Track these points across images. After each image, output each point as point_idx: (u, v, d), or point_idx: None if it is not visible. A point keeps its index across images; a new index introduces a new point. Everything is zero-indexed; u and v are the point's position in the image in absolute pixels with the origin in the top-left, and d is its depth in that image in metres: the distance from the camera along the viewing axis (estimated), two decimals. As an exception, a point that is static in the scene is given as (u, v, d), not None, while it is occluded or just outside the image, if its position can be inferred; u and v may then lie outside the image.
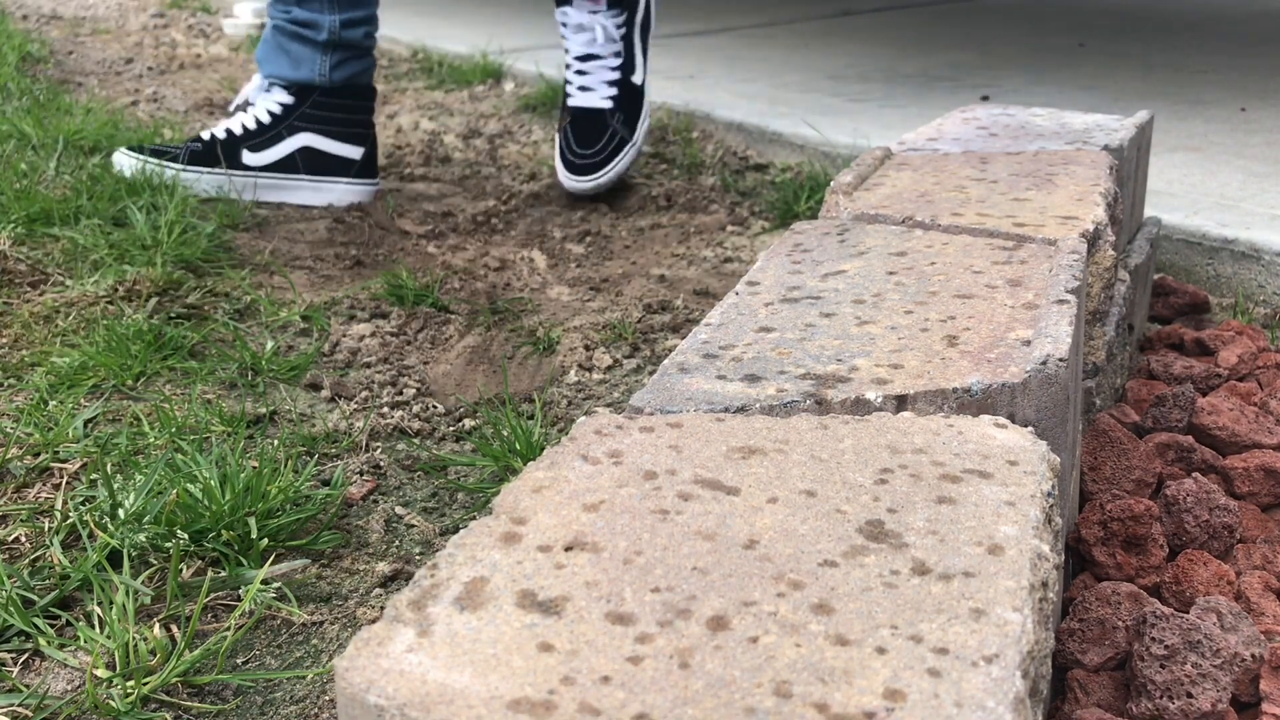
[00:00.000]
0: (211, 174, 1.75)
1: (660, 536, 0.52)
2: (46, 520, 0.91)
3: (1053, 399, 0.66)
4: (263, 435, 1.07)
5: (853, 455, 0.59)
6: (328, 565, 0.89)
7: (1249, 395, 1.00)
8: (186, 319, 1.31)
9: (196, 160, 1.75)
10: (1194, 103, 2.04)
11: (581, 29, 1.76)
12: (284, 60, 1.78)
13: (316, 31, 1.75)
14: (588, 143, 1.77)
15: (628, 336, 1.30)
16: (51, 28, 3.78)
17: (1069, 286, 0.77)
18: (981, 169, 1.09)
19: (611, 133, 1.76)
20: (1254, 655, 0.66)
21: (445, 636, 0.45)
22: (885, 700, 0.41)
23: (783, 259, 0.89)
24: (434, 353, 1.28)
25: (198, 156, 1.75)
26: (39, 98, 2.39)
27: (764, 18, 3.43)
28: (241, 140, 1.76)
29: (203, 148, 1.76)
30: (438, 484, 1.01)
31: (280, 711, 0.73)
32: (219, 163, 1.76)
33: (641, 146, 1.80)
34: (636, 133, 1.80)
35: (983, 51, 2.69)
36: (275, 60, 1.78)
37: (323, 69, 1.77)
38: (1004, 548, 0.51)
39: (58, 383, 1.13)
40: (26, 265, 1.42)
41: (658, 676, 0.43)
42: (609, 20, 1.75)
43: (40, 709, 0.72)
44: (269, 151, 1.77)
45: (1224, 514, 0.79)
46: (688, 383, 0.68)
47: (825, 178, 1.81)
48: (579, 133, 1.78)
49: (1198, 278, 1.37)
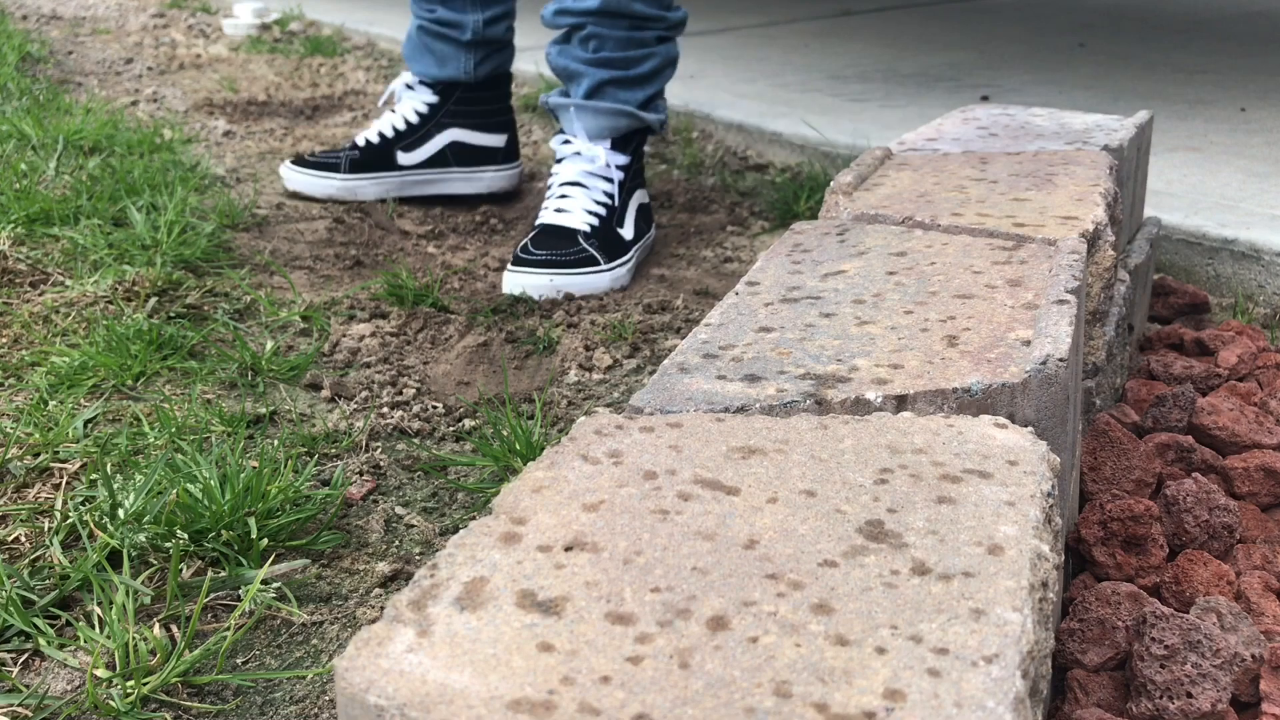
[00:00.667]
0: (376, 180, 1.80)
1: (660, 536, 0.52)
2: (46, 520, 0.91)
3: (1053, 399, 0.66)
4: (263, 435, 1.07)
5: (853, 455, 0.59)
6: (328, 565, 0.89)
7: (1249, 395, 1.00)
8: (186, 319, 1.31)
9: (358, 168, 1.79)
10: (1194, 103, 2.04)
11: (579, 156, 1.53)
12: (429, 59, 1.79)
13: (461, 31, 1.76)
14: (547, 247, 1.46)
15: (628, 336, 1.30)
16: (51, 28, 3.78)
17: (1069, 286, 0.77)
18: (981, 169, 1.09)
19: (581, 249, 1.46)
20: (1254, 655, 0.66)
21: (445, 636, 0.45)
22: (885, 700, 0.41)
23: (783, 259, 0.89)
24: (434, 353, 1.28)
25: (358, 164, 1.79)
26: (39, 98, 2.39)
27: (764, 18, 3.43)
28: (394, 142, 1.80)
29: (360, 155, 1.79)
30: (438, 484, 1.01)
31: (280, 711, 0.73)
32: (378, 167, 1.80)
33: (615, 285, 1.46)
34: (612, 263, 1.47)
35: (983, 51, 2.69)
36: (421, 58, 1.80)
37: (467, 67, 1.79)
38: (1004, 548, 0.51)
39: (58, 383, 1.13)
40: (26, 265, 1.42)
41: (658, 676, 0.43)
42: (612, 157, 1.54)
43: (40, 709, 0.72)
44: (421, 150, 1.80)
45: (1224, 514, 0.79)
46: (688, 383, 0.68)
47: (825, 178, 1.81)
48: (538, 240, 1.47)
49: (1198, 278, 1.37)
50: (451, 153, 1.82)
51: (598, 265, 1.45)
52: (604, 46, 1.52)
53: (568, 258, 1.44)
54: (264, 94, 2.69)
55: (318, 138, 2.27)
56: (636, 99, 1.54)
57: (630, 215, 1.56)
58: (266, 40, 3.57)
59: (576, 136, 1.55)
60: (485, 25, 1.78)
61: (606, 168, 1.53)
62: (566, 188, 1.53)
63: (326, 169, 1.80)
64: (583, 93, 1.53)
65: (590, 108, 1.53)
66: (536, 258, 1.44)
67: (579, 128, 1.54)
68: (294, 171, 1.82)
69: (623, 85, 1.53)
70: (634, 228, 1.55)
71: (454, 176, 1.83)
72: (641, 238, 1.56)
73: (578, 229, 1.48)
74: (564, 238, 1.47)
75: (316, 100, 2.64)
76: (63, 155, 1.90)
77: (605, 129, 1.54)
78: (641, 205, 1.60)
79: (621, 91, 1.53)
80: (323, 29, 3.77)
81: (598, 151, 1.53)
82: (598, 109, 1.53)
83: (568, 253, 1.45)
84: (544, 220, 1.51)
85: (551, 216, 1.51)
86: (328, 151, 1.84)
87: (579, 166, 1.53)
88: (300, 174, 1.81)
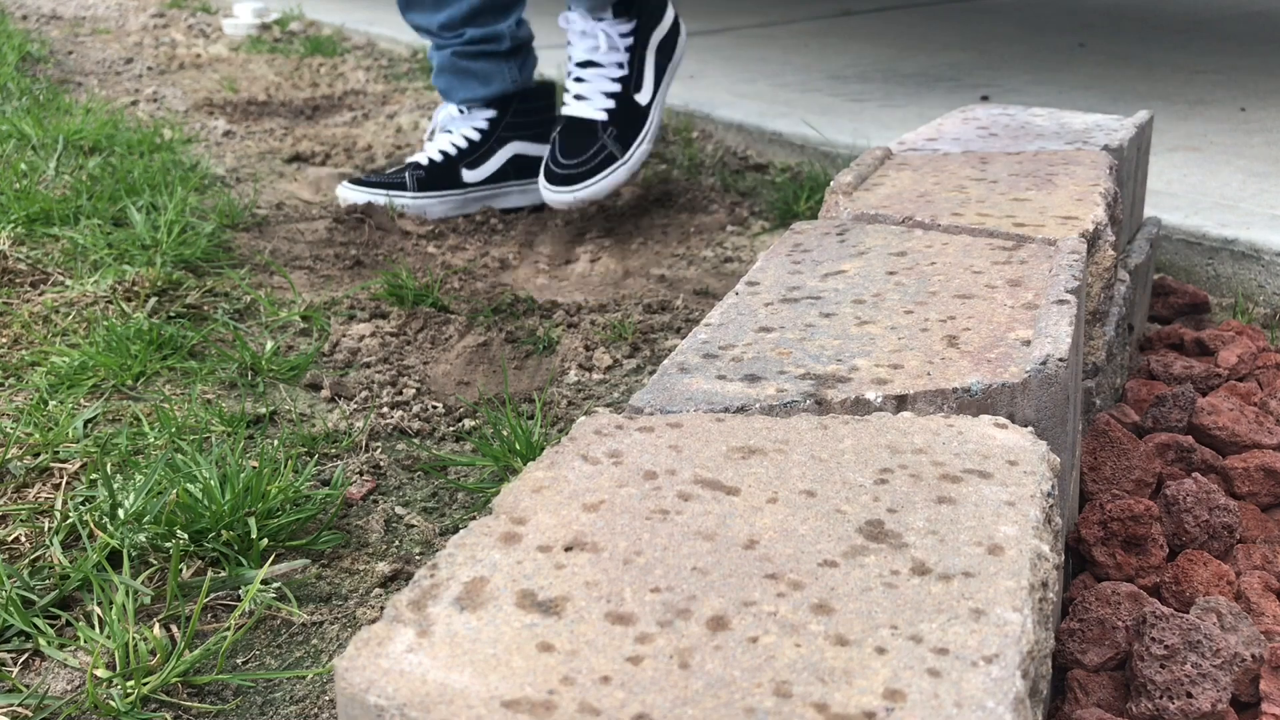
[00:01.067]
0: (442, 198, 1.77)
1: (660, 536, 0.52)
2: (46, 520, 0.91)
3: (1053, 399, 0.66)
4: (263, 435, 1.07)
5: (853, 455, 0.59)
6: (328, 565, 0.89)
7: (1249, 395, 1.00)
8: (186, 319, 1.31)
9: (425, 186, 1.76)
10: (1194, 103, 2.04)
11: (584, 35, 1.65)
12: (472, 82, 1.77)
13: (499, 43, 1.75)
14: (572, 153, 1.64)
15: (628, 336, 1.30)
16: (51, 27, 3.78)
17: (1069, 286, 0.77)
18: (981, 169, 1.09)
19: (600, 146, 1.62)
20: (1254, 655, 0.66)
21: (445, 636, 0.45)
22: (885, 700, 0.41)
23: (783, 259, 0.89)
24: (434, 353, 1.28)
25: (426, 183, 1.76)
26: (39, 97, 2.39)
27: (764, 18, 3.43)
28: (459, 160, 1.77)
29: (427, 174, 1.76)
30: (438, 484, 1.01)
31: (280, 711, 0.73)
32: (444, 185, 1.77)
33: (635, 168, 1.65)
34: (629, 151, 1.65)
35: (983, 51, 2.69)
36: (463, 85, 1.78)
37: (514, 75, 1.78)
38: (1004, 548, 0.51)
39: (58, 383, 1.13)
40: (26, 265, 1.42)
41: (657, 676, 0.43)
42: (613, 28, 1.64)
43: (40, 709, 0.72)
44: (485, 166, 1.78)
45: (1224, 514, 0.79)
46: (688, 383, 0.68)
47: (825, 178, 1.81)
48: (565, 142, 1.66)
49: (1198, 278, 1.37)
50: (513, 166, 1.81)
51: (614, 162, 1.62)
52: None
53: (589, 165, 1.59)
54: (264, 94, 2.69)
55: (318, 137, 2.27)
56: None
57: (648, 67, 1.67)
58: (266, 40, 3.57)
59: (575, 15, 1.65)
60: (517, 27, 1.77)
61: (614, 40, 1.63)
62: (581, 69, 1.65)
63: (393, 188, 1.75)
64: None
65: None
66: (565, 172, 1.59)
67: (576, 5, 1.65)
68: (357, 190, 1.76)
69: None
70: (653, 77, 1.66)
71: (511, 190, 1.82)
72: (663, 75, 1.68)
73: (596, 119, 1.62)
74: (585, 134, 1.61)
75: (316, 100, 2.64)
76: (63, 155, 1.90)
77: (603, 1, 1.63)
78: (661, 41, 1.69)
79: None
80: (323, 29, 3.77)
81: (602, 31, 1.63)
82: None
83: (588, 159, 1.59)
84: (566, 111, 1.65)
85: (572, 106, 1.65)
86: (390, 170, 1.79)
87: (587, 43, 1.64)
88: (366, 193, 1.76)
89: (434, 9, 1.75)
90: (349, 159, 2.12)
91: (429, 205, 1.76)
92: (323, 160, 2.11)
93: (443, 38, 1.76)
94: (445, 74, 1.79)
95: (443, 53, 1.77)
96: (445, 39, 1.76)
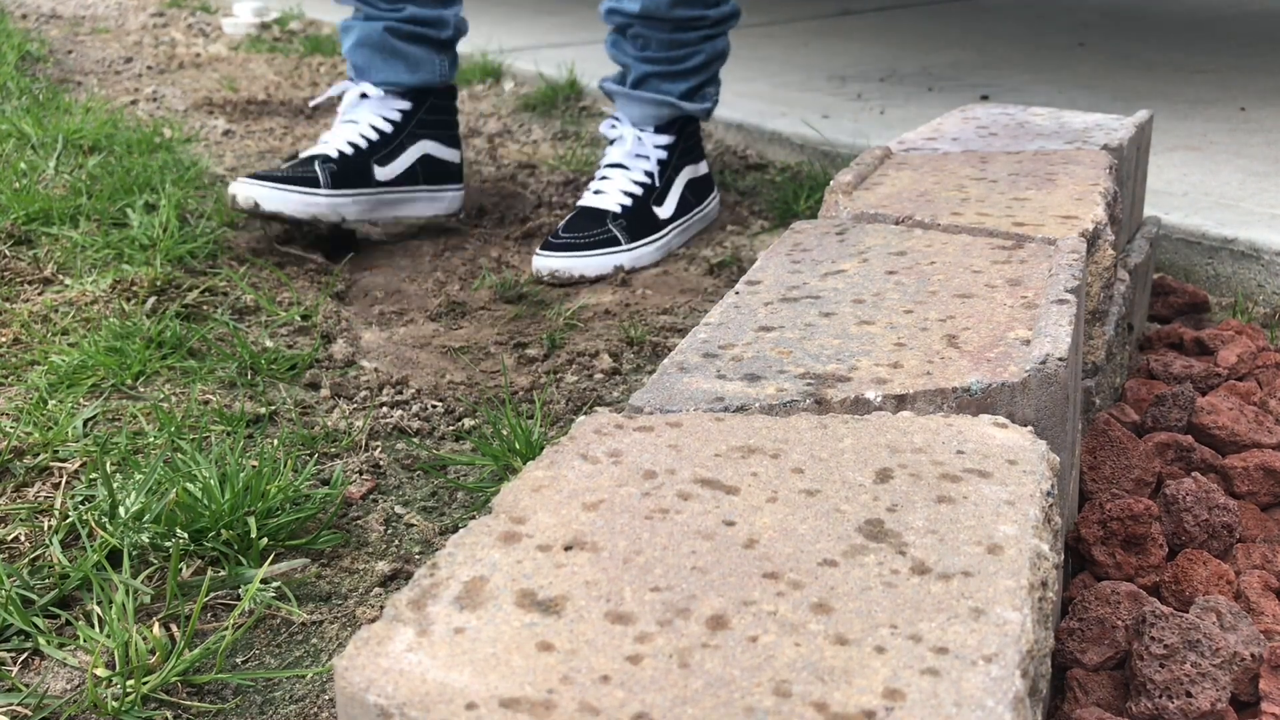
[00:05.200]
0: (354, 197, 1.57)
1: (660, 536, 0.52)
2: (46, 520, 0.91)
3: (1052, 398, 0.66)
4: (262, 435, 1.07)
5: (852, 455, 0.59)
6: (327, 565, 0.89)
7: (1248, 395, 1.00)
8: (185, 318, 1.31)
9: (341, 182, 1.55)
10: (1194, 103, 2.04)
11: (620, 140, 1.61)
12: (398, 64, 1.62)
13: (440, 29, 1.63)
14: (573, 229, 1.52)
15: (628, 336, 1.30)
16: (51, 27, 3.78)
17: (1068, 286, 0.77)
18: (981, 168, 1.09)
19: (605, 230, 1.52)
20: (1253, 655, 0.66)
21: (445, 636, 0.45)
22: (885, 700, 0.41)
23: (782, 258, 0.89)
24: (434, 352, 1.28)
25: (340, 178, 1.55)
26: (38, 97, 2.39)
27: (764, 17, 3.43)
28: (369, 154, 1.59)
29: (339, 168, 1.56)
30: (437, 483, 1.01)
31: (280, 711, 0.73)
32: (357, 183, 1.58)
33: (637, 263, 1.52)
34: (636, 243, 1.53)
35: (983, 51, 2.69)
36: (387, 65, 1.62)
37: (443, 69, 1.66)
38: (1003, 547, 0.51)
39: (57, 382, 1.13)
40: (26, 265, 1.42)
41: (657, 676, 0.43)
42: (650, 137, 1.60)
43: (40, 708, 0.72)
44: (395, 164, 1.62)
45: (1223, 513, 0.79)
46: (687, 382, 0.68)
47: (825, 177, 1.81)
48: (569, 222, 1.54)
49: (1197, 277, 1.37)
50: (421, 168, 1.65)
51: (617, 245, 1.51)
52: (649, 46, 1.58)
53: (590, 239, 1.50)
54: (264, 93, 2.69)
55: (317, 137, 2.27)
56: (678, 90, 1.60)
57: (674, 193, 1.61)
58: (266, 39, 3.57)
59: (621, 121, 1.62)
60: (460, 19, 1.67)
61: (645, 148, 1.59)
62: (608, 169, 1.60)
63: (304, 184, 1.52)
64: (630, 83, 1.61)
65: (636, 97, 1.60)
66: (562, 241, 1.50)
67: (625, 114, 1.62)
68: (261, 187, 1.50)
69: (666, 78, 1.59)
70: (676, 204, 1.61)
71: (420, 196, 1.66)
72: (687, 212, 1.63)
73: (608, 210, 1.54)
74: (593, 219, 1.53)
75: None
76: (62, 154, 1.90)
77: (649, 116, 1.61)
78: (693, 180, 1.65)
79: (665, 84, 1.60)
80: (322, 28, 3.77)
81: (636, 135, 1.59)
82: (642, 99, 1.60)
83: (591, 234, 1.51)
84: (581, 203, 1.58)
85: (588, 198, 1.58)
86: (291, 164, 1.57)
87: (622, 149, 1.61)
88: (273, 190, 1.50)
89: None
90: (349, 158, 2.12)
91: (343, 204, 1.56)
92: (322, 160, 2.10)
93: (378, 7, 1.60)
94: (366, 49, 1.61)
95: (371, 24, 1.61)
96: (381, 10, 1.60)
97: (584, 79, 2.54)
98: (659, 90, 1.60)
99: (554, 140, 2.26)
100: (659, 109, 1.60)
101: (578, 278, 1.48)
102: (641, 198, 1.57)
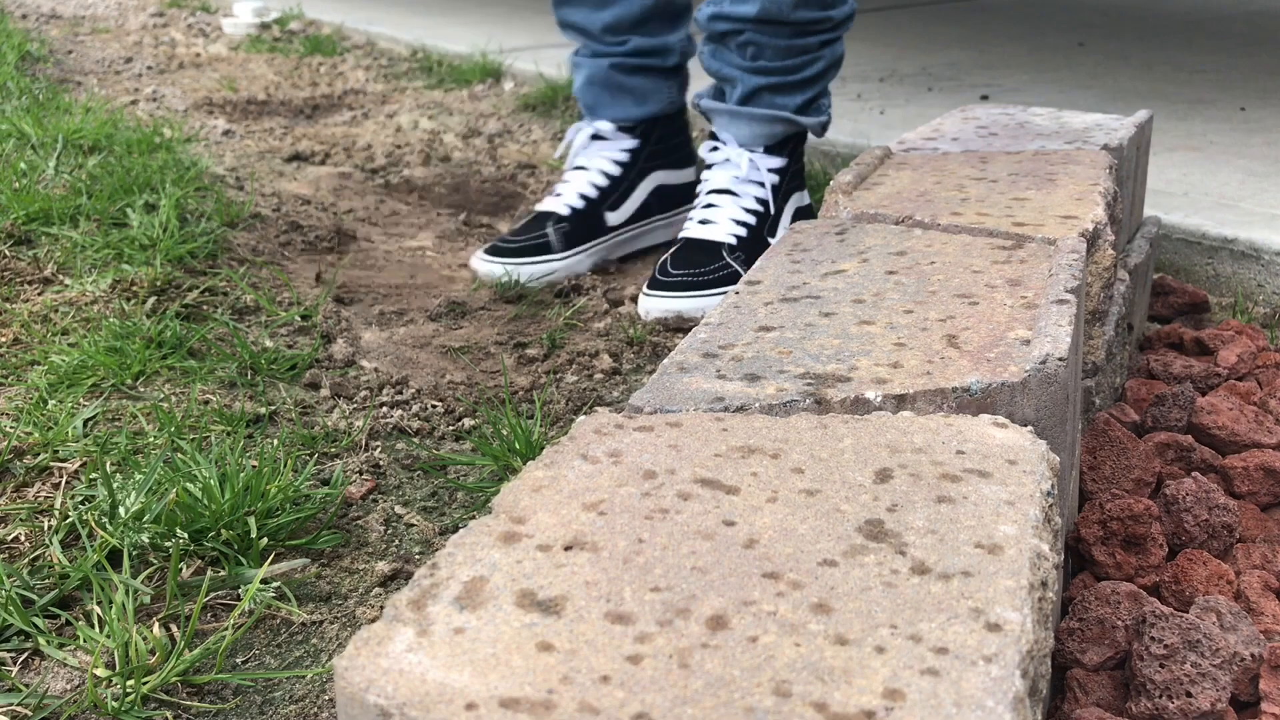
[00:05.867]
0: (590, 250, 1.52)
1: (660, 536, 0.52)
2: (46, 520, 0.91)
3: (1052, 398, 0.66)
4: (262, 435, 1.07)
5: (852, 455, 0.59)
6: (327, 565, 0.89)
7: (1248, 395, 1.00)
8: (185, 318, 1.31)
9: (573, 241, 1.50)
10: (1194, 103, 2.04)
11: (727, 163, 1.43)
12: (626, 99, 1.54)
13: (666, 57, 1.54)
14: (684, 264, 1.35)
15: (628, 336, 1.30)
16: (51, 27, 3.78)
17: (1068, 286, 0.77)
18: (981, 168, 1.09)
19: (724, 265, 1.35)
20: (1253, 655, 0.66)
21: (445, 636, 0.45)
22: (885, 700, 0.41)
23: (782, 258, 0.89)
24: (434, 352, 1.28)
25: (573, 237, 1.50)
26: (38, 97, 2.39)
27: (764, 17, 3.43)
28: (599, 202, 1.53)
29: (570, 226, 1.51)
30: (437, 483, 1.01)
31: (280, 711, 0.73)
32: (591, 236, 1.52)
33: None
34: None
35: (983, 51, 2.69)
36: (615, 101, 1.55)
37: (673, 95, 1.57)
38: (1003, 547, 0.51)
39: (57, 382, 1.13)
40: (26, 265, 1.42)
41: (657, 676, 0.43)
42: (761, 160, 1.42)
43: (40, 708, 0.72)
44: (626, 205, 1.55)
45: (1223, 513, 0.79)
46: (687, 382, 0.68)
47: (825, 177, 1.81)
48: (678, 256, 1.37)
49: (1197, 277, 1.37)
50: (656, 199, 1.58)
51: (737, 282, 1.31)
52: (762, 54, 1.39)
53: (707, 277, 1.33)
54: (264, 93, 2.69)
55: (317, 137, 2.27)
56: (794, 104, 1.42)
57: (786, 221, 1.43)
58: (266, 39, 3.57)
59: (727, 143, 1.44)
60: (688, 42, 1.56)
61: (758, 171, 1.41)
62: (714, 195, 1.42)
63: (537, 252, 1.48)
64: (737, 98, 1.42)
65: (745, 114, 1.42)
66: (673, 278, 1.33)
67: (730, 134, 1.44)
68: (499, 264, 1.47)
69: (780, 91, 1.41)
70: None
71: (656, 225, 1.60)
72: None
73: (722, 242, 1.37)
74: (706, 252, 1.36)
75: (316, 99, 2.64)
76: (62, 154, 1.90)
77: (760, 135, 1.42)
78: (800, 208, 1.48)
79: (779, 97, 1.41)
80: (322, 28, 3.77)
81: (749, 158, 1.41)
82: (752, 115, 1.42)
83: (707, 271, 1.34)
84: (686, 234, 1.40)
85: (695, 229, 1.40)
86: (523, 229, 1.51)
87: (729, 173, 1.42)
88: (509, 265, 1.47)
89: (598, 6, 1.52)
90: (349, 158, 2.12)
91: (578, 263, 1.51)
92: (322, 159, 2.11)
93: (603, 43, 1.53)
94: (595, 87, 1.55)
95: (597, 61, 1.54)
96: (606, 45, 1.53)
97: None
98: (772, 105, 1.41)
99: (554, 140, 2.26)
100: (772, 126, 1.41)
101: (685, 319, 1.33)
102: (755, 227, 1.39)
